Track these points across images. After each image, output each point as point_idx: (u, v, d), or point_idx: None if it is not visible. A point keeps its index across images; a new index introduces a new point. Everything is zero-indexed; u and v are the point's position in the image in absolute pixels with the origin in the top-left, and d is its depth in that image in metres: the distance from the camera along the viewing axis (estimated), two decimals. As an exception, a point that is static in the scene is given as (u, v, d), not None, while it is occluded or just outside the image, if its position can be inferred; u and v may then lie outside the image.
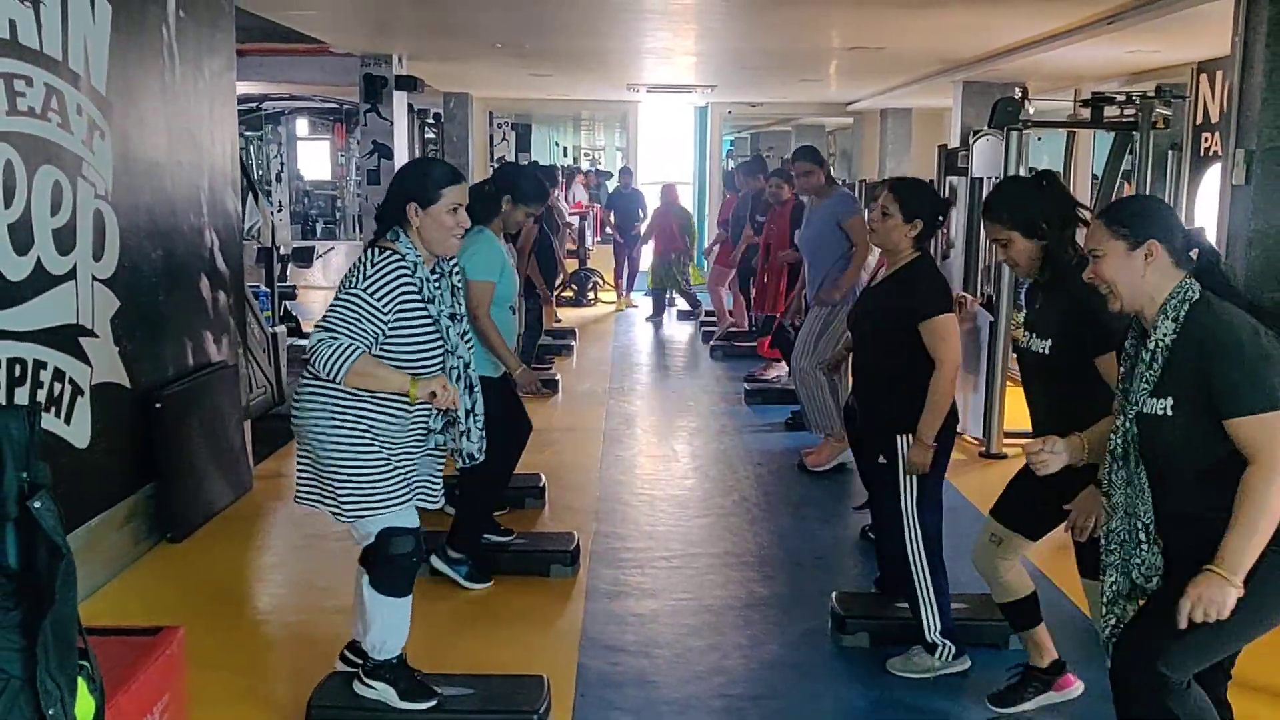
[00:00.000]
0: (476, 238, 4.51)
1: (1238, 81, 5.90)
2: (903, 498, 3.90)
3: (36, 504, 2.34)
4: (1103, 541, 2.76)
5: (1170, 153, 9.14)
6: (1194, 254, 2.69)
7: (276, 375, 7.58)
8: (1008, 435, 6.88)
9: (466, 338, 3.42)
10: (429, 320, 3.27)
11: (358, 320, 3.18)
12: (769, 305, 8.30)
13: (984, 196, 4.20)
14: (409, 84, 10.43)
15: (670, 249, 12.45)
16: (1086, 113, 7.40)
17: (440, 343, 3.30)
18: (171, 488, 5.22)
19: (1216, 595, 2.46)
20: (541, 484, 5.93)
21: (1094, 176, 11.42)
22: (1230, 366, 2.50)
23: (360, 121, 10.80)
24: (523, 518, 5.61)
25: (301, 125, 19.08)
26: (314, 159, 19.60)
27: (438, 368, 3.30)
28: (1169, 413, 2.56)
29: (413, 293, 3.24)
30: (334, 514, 3.34)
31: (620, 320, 13.09)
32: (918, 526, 3.90)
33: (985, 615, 4.17)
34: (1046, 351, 3.31)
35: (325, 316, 3.21)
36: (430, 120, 15.80)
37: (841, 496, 6.12)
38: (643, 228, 13.34)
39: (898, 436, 3.88)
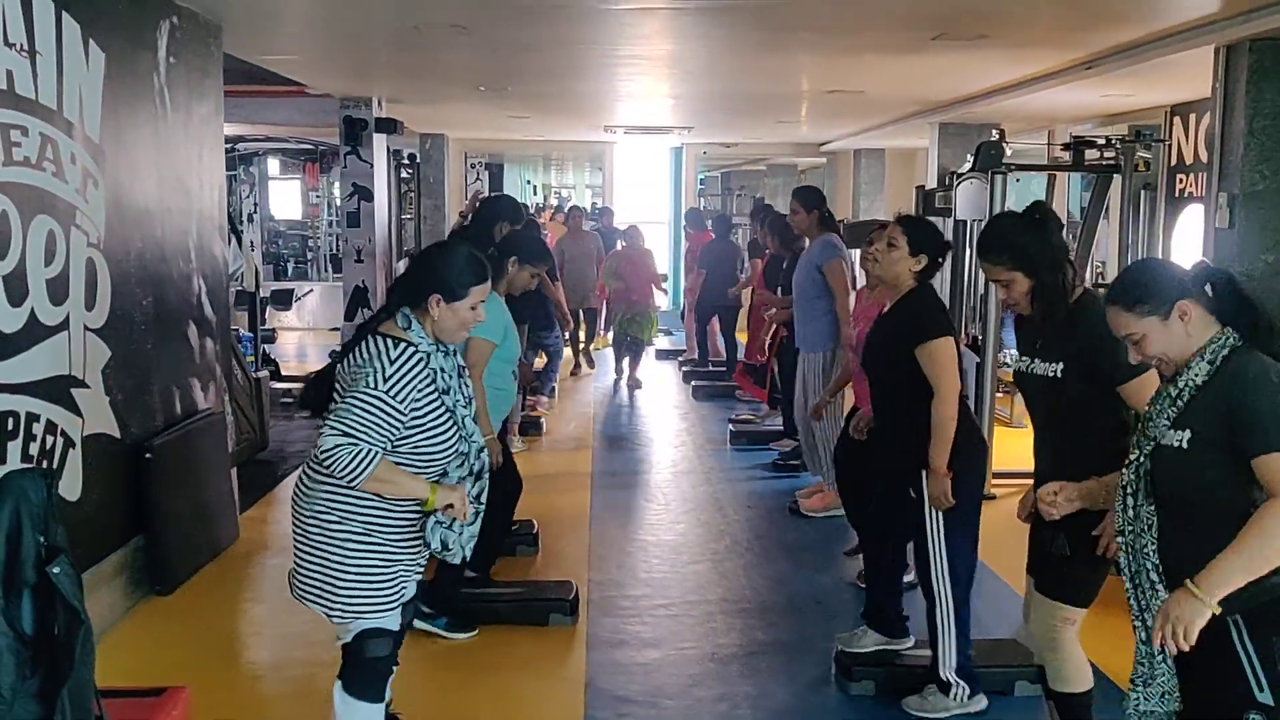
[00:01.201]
0: None
1: (1219, 127, 6.00)
2: (928, 532, 3.90)
3: (55, 569, 2.30)
4: (1128, 593, 2.68)
5: (1144, 193, 9.29)
6: (1209, 289, 2.63)
7: (260, 420, 7.51)
8: (997, 476, 6.90)
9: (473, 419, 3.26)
10: (444, 411, 3.11)
11: (378, 425, 2.96)
12: (751, 353, 8.57)
13: (978, 237, 4.19)
14: (389, 126, 10.41)
15: (641, 300, 11.23)
16: (1067, 155, 7.49)
17: (456, 430, 3.15)
18: (161, 540, 5.14)
19: (1186, 614, 2.41)
20: (534, 531, 5.88)
21: (1067, 214, 11.58)
22: (1259, 403, 2.46)
23: (340, 164, 10.76)
24: (516, 565, 5.57)
25: (273, 165, 18.99)
26: (285, 198, 19.49)
27: (451, 455, 3.17)
28: (1184, 445, 2.53)
29: (429, 386, 3.08)
30: (326, 614, 3.13)
31: (601, 360, 13.08)
32: (944, 561, 3.89)
33: (990, 661, 4.17)
34: (1058, 375, 3.24)
35: (341, 416, 2.96)
36: (405, 161, 15.79)
37: (835, 540, 6.10)
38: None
39: (922, 472, 3.88)
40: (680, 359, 12.52)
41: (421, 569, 3.32)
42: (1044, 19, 6.00)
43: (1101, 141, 7.21)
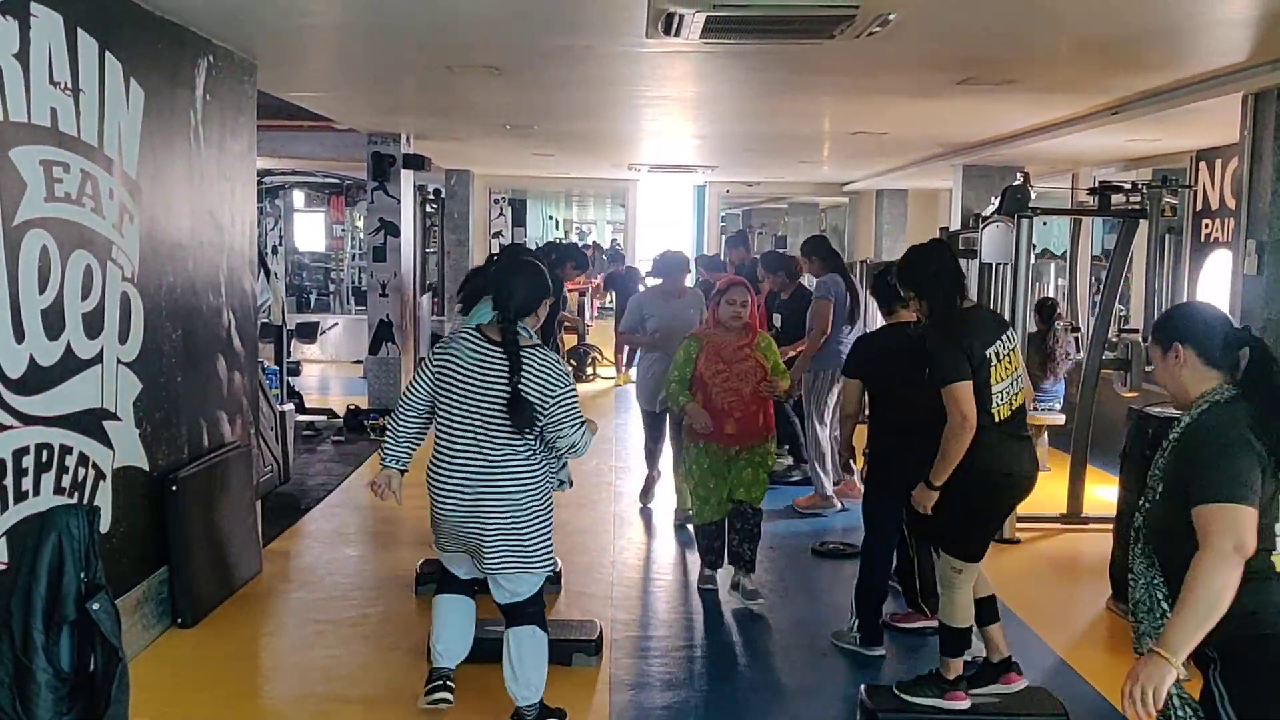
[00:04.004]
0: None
1: (1247, 174, 6.01)
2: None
3: (95, 606, 2.31)
4: (1130, 612, 2.89)
5: (1169, 237, 9.28)
6: (1244, 352, 2.80)
7: (284, 453, 7.54)
8: (1021, 520, 6.87)
9: None
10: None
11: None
12: None
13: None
14: (416, 162, 10.52)
15: None
16: (1092, 199, 7.50)
17: None
18: (185, 571, 5.15)
19: (1154, 675, 2.54)
20: (558, 569, 5.87)
21: (1091, 257, 11.57)
22: (1201, 457, 2.67)
23: (367, 198, 10.86)
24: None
25: (298, 198, 19.15)
26: (309, 231, 19.64)
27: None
28: (1158, 497, 2.79)
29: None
30: (527, 570, 3.94)
31: (620, 395, 13.08)
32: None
33: (1019, 709, 4.16)
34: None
35: (569, 408, 3.88)
36: (430, 196, 15.92)
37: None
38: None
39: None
40: None
41: None
42: (1070, 65, 6.04)
43: (1127, 186, 7.22)
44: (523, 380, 3.78)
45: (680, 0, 4.41)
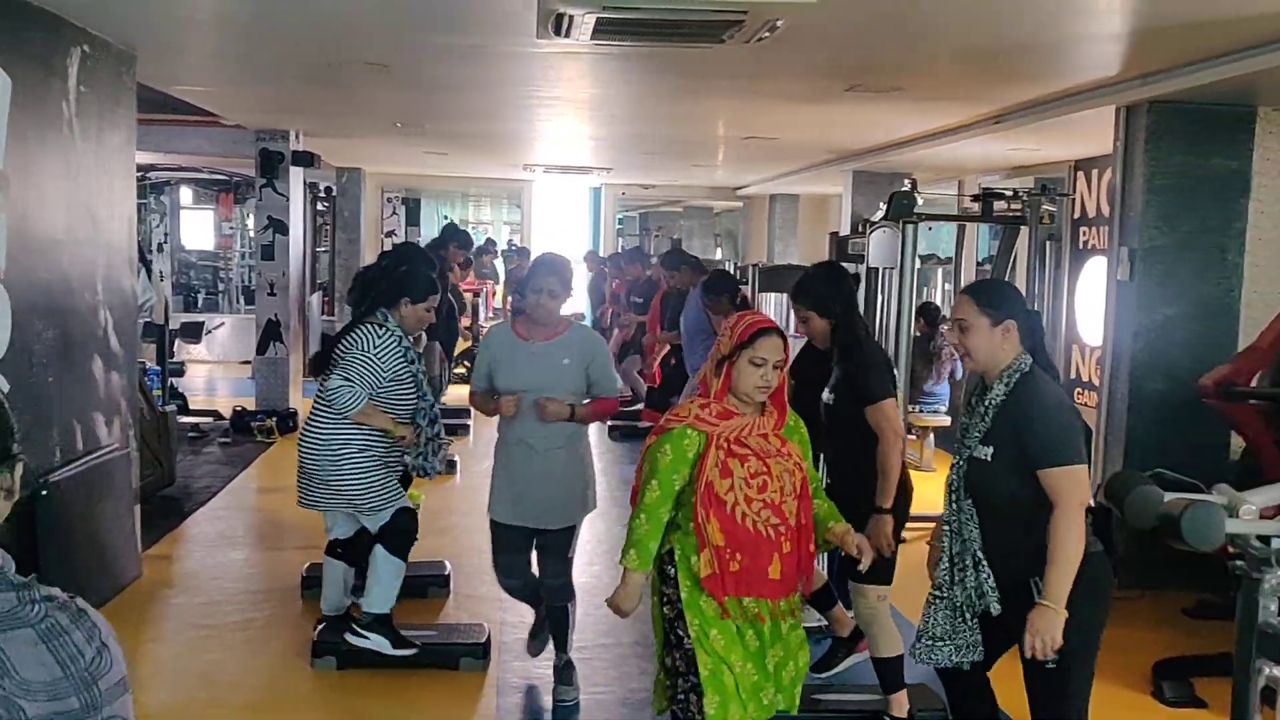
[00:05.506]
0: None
1: (1120, 184, 6.23)
2: None
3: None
4: (941, 566, 3.25)
5: (1049, 244, 9.57)
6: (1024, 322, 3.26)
7: (167, 455, 7.34)
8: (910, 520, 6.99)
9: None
10: (412, 378, 4.60)
11: (362, 376, 4.44)
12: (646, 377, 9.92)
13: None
14: (306, 160, 10.31)
15: None
16: (976, 206, 7.69)
17: (418, 390, 4.63)
18: (56, 578, 4.94)
19: (1049, 624, 2.97)
20: (446, 572, 5.82)
21: (978, 262, 11.86)
22: (1043, 428, 3.07)
23: (255, 195, 10.62)
24: (426, 607, 5.50)
25: (185, 194, 18.64)
26: (197, 229, 19.13)
27: (414, 406, 4.63)
28: (989, 459, 3.13)
29: (401, 359, 4.55)
30: (357, 509, 4.65)
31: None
32: None
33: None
34: (831, 403, 4.19)
35: (343, 368, 4.44)
36: (321, 194, 15.64)
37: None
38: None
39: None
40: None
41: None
42: (954, 74, 6.19)
43: (1009, 193, 7.43)
44: (343, 338, 4.60)
45: (570, 1, 4.40)
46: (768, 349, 3.13)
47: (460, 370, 13.77)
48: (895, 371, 5.51)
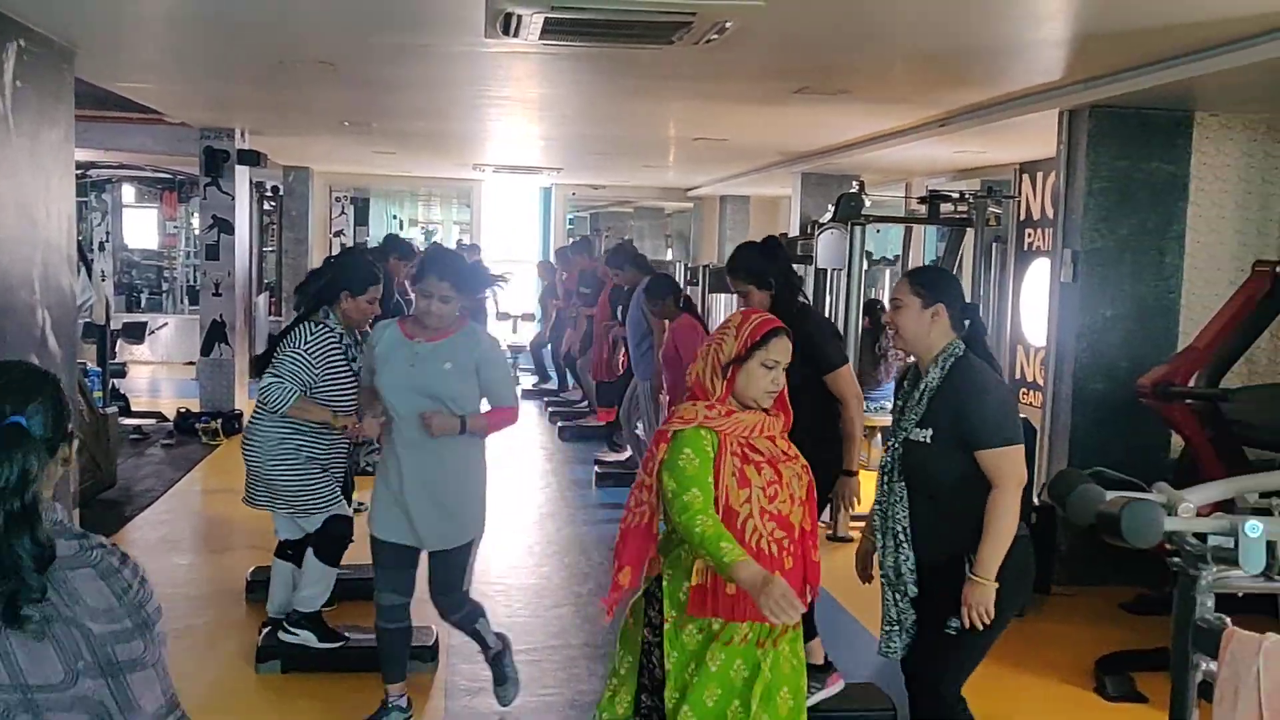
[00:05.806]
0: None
1: (1063, 186, 6.32)
2: None
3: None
4: (877, 538, 3.36)
5: (995, 246, 9.68)
6: (967, 322, 3.40)
7: (107, 458, 7.23)
8: (855, 518, 7.06)
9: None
10: (351, 374, 4.58)
11: (293, 373, 4.51)
12: (599, 372, 9.95)
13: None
14: (252, 158, 10.19)
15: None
16: (923, 208, 7.77)
17: (358, 387, 4.44)
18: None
19: (981, 597, 3.11)
20: (394, 574, 5.76)
21: (924, 264, 11.98)
22: (980, 410, 3.18)
23: (200, 194, 10.48)
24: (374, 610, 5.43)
25: (128, 192, 18.34)
26: (140, 227, 18.82)
27: (353, 401, 4.52)
28: (928, 440, 3.23)
29: (338, 355, 4.61)
30: (292, 511, 4.74)
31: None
32: None
33: (846, 705, 4.27)
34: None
35: (274, 366, 4.53)
36: (268, 193, 15.47)
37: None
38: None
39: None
40: (548, 398, 12.47)
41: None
42: (900, 77, 6.24)
43: (955, 196, 7.51)
44: (285, 337, 4.67)
45: (518, 0, 4.39)
46: (780, 350, 2.96)
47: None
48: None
